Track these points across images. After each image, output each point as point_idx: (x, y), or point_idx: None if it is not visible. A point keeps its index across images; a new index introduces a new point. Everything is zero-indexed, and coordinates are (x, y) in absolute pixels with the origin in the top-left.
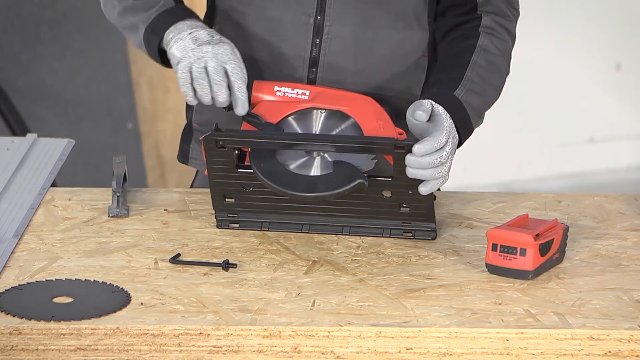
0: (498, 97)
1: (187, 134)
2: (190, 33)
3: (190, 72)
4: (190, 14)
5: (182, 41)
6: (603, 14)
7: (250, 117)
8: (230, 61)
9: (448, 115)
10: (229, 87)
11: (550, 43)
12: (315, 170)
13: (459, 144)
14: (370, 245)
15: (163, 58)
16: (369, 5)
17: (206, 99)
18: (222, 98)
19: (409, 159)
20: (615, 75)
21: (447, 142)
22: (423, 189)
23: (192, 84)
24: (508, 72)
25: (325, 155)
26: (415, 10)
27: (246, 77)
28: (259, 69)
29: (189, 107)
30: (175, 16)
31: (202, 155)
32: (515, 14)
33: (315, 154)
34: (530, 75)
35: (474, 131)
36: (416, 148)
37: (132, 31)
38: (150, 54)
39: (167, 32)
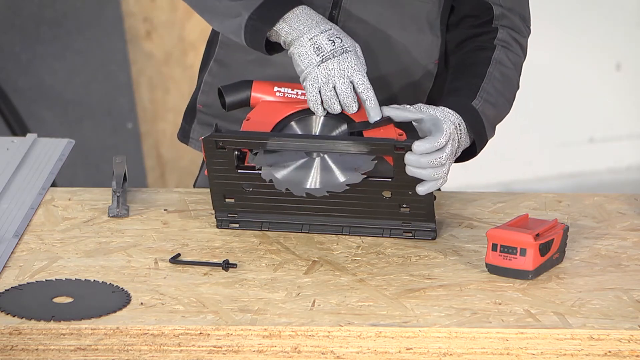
0: (509, 111)
1: (190, 114)
2: (310, 39)
3: (319, 93)
4: (297, 1)
5: (303, 48)
6: (603, 14)
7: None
8: (356, 72)
9: (450, 120)
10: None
11: (550, 43)
12: (315, 172)
13: (474, 155)
14: (370, 245)
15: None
16: (384, 4)
17: (337, 112)
18: (352, 111)
19: (408, 157)
20: (615, 75)
21: (447, 144)
22: (420, 189)
23: (321, 103)
24: (518, 87)
25: (325, 156)
26: (429, 15)
27: (370, 84)
28: (269, 63)
29: (196, 87)
30: (287, 4)
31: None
32: (528, 31)
33: (314, 155)
34: (531, 76)
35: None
36: (415, 145)
37: (224, 13)
38: (252, 42)
39: (279, 26)
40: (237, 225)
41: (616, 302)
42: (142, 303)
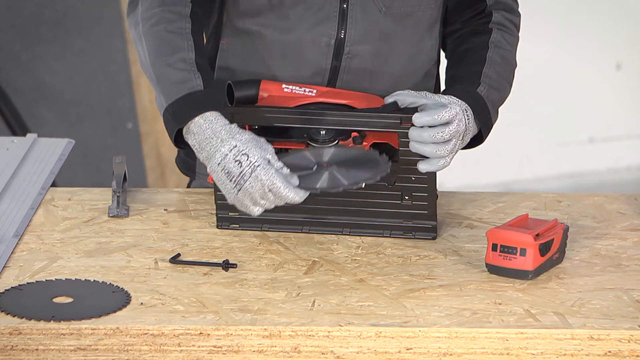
0: (510, 92)
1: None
2: (218, 164)
3: (254, 208)
4: (214, 103)
5: (216, 174)
6: (603, 14)
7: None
8: (271, 185)
9: (456, 103)
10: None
11: (550, 43)
12: (322, 183)
13: (481, 141)
14: (370, 245)
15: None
16: (389, 21)
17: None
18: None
19: (411, 132)
20: (615, 75)
21: (451, 120)
22: (422, 166)
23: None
24: (516, 65)
25: (334, 170)
26: (429, 22)
27: (285, 188)
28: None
29: None
30: (199, 107)
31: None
32: (518, 5)
33: (324, 166)
34: (530, 75)
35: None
36: (415, 116)
37: (155, 89)
38: (168, 132)
39: (190, 138)
40: (237, 225)
41: (616, 302)
42: (142, 303)
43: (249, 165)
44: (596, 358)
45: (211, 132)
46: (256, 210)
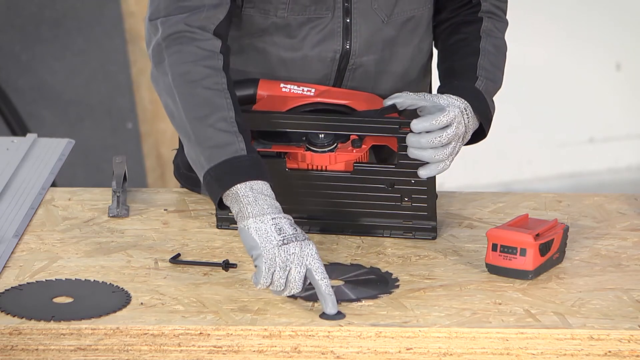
0: (503, 80)
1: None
2: (273, 219)
3: (272, 276)
4: (260, 173)
5: (263, 225)
6: (603, 14)
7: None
8: (315, 260)
9: (455, 105)
10: (311, 283)
11: (550, 43)
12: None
13: (483, 136)
14: (370, 245)
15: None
16: (391, 29)
17: (280, 296)
18: (293, 293)
19: (408, 138)
20: (615, 75)
21: (449, 124)
22: (422, 172)
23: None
24: (507, 48)
25: (342, 285)
26: (426, 21)
27: (327, 275)
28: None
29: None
30: (245, 173)
31: None
32: None
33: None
34: (530, 75)
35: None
36: (413, 123)
37: (191, 147)
38: (209, 194)
39: (233, 190)
40: None
41: (616, 302)
42: (142, 303)
43: (303, 235)
44: (596, 358)
45: (263, 199)
46: (277, 277)
